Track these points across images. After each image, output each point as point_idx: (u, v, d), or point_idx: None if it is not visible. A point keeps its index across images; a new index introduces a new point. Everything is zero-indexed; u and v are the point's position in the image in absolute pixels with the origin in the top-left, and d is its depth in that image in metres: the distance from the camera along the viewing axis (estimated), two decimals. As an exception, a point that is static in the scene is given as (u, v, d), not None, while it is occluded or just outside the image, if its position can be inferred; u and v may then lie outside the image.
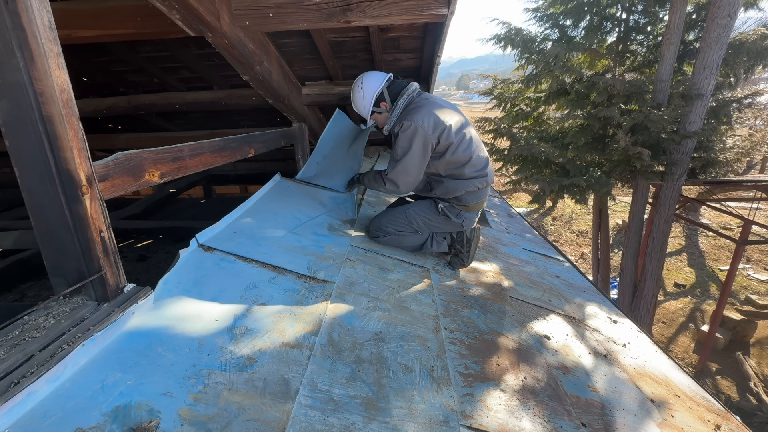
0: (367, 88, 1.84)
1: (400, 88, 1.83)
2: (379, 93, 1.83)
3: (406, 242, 1.93)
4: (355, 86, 1.90)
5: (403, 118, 1.71)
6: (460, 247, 1.90)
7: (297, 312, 1.20)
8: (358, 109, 1.92)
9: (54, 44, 0.84)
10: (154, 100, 3.58)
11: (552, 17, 6.77)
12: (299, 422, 0.83)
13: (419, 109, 1.70)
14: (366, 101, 1.85)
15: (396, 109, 1.81)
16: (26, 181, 0.89)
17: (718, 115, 6.14)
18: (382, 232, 1.92)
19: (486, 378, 1.13)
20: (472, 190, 1.80)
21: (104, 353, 0.89)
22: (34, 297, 2.60)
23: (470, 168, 1.76)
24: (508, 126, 7.19)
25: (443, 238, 1.95)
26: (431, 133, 1.66)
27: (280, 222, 1.82)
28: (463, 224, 1.88)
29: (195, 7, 1.51)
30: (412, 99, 1.80)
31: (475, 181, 1.79)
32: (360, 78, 1.90)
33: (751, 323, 7.63)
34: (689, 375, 1.48)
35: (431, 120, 1.66)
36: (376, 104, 1.85)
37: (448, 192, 1.81)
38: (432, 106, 1.71)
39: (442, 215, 1.87)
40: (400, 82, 1.85)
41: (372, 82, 1.84)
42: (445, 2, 1.72)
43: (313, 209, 2.13)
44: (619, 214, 12.75)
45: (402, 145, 1.71)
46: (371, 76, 1.87)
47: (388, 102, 1.83)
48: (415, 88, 1.84)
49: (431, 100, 1.76)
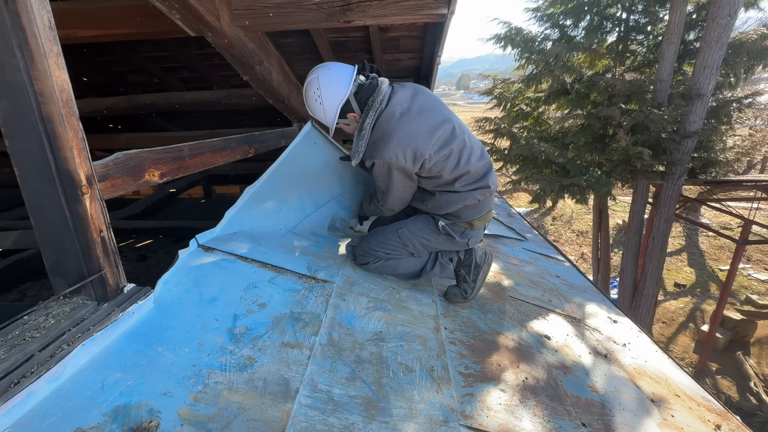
0: (328, 96, 1.39)
1: (368, 94, 1.40)
2: (345, 102, 1.40)
3: (402, 268, 1.61)
4: (308, 91, 1.42)
5: (371, 152, 1.37)
6: (465, 273, 1.58)
7: (297, 312, 1.20)
8: (317, 116, 1.49)
9: (54, 44, 0.84)
10: (154, 100, 3.58)
11: (552, 17, 6.76)
12: (299, 422, 0.83)
13: (389, 137, 1.33)
14: (327, 111, 1.42)
15: (364, 131, 1.39)
16: (26, 181, 0.89)
17: (718, 114, 6.14)
18: (371, 257, 1.59)
19: (486, 378, 1.13)
20: (471, 203, 1.47)
21: (104, 353, 0.89)
22: (34, 297, 2.60)
23: (465, 181, 1.44)
24: (508, 126, 7.18)
25: (449, 260, 1.64)
26: (411, 165, 1.35)
27: (282, 218, 1.77)
28: (468, 243, 1.58)
29: (195, 7, 1.51)
30: (381, 112, 1.38)
31: (474, 193, 1.45)
32: (315, 80, 1.39)
33: (751, 323, 7.63)
34: (689, 375, 1.48)
35: (408, 153, 1.33)
36: (342, 115, 1.44)
37: (441, 207, 1.49)
38: (405, 127, 1.34)
39: (443, 234, 1.54)
40: (368, 84, 1.42)
41: (333, 89, 1.38)
42: (445, 2, 1.72)
43: (324, 192, 1.99)
44: (619, 214, 12.75)
45: (382, 181, 1.46)
46: (330, 79, 1.39)
47: (357, 112, 1.43)
48: (385, 93, 1.41)
49: (404, 114, 1.37)
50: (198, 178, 5.09)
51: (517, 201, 15.32)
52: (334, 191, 2.05)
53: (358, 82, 1.41)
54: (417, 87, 1.49)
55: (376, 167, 1.40)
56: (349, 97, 1.39)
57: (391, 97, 1.41)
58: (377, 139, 1.37)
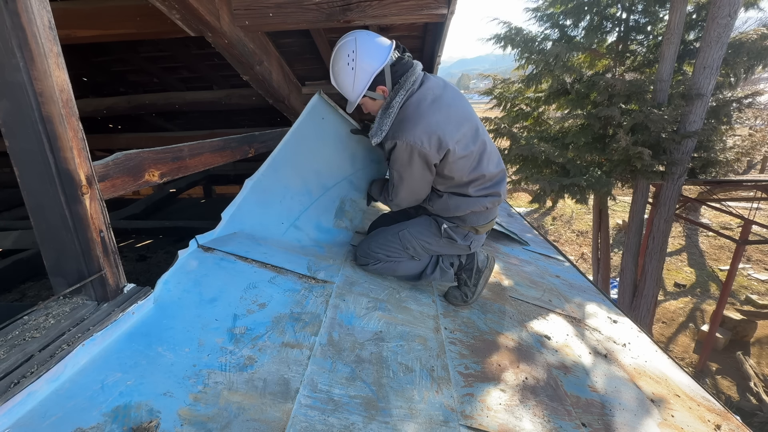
0: (363, 62, 1.29)
1: (404, 70, 1.34)
2: (380, 72, 1.30)
3: (401, 270, 1.59)
4: (340, 54, 1.32)
5: (395, 132, 1.31)
6: (466, 277, 1.56)
7: (297, 312, 1.20)
8: (342, 87, 1.38)
9: (54, 44, 0.84)
10: (154, 100, 3.58)
11: (552, 17, 6.77)
12: (299, 422, 0.83)
13: (417, 120, 1.28)
14: (358, 81, 1.32)
15: (391, 109, 1.33)
16: (26, 181, 0.89)
17: (718, 114, 6.14)
18: (371, 258, 1.58)
19: (486, 378, 1.13)
20: (479, 210, 1.44)
21: (104, 353, 0.89)
22: (34, 297, 2.60)
23: (479, 186, 1.40)
24: (508, 126, 7.18)
25: (450, 264, 1.60)
26: (435, 153, 1.29)
27: (286, 207, 1.71)
28: (470, 247, 1.55)
29: (195, 7, 1.51)
30: (412, 93, 1.34)
31: (484, 200, 1.42)
32: (351, 42, 1.30)
33: (751, 323, 7.63)
34: (689, 375, 1.48)
35: (433, 140, 1.28)
36: (372, 87, 1.34)
37: (449, 210, 1.46)
38: (435, 114, 1.30)
39: (445, 237, 1.51)
40: (405, 60, 1.35)
41: (372, 55, 1.30)
42: (445, 2, 1.73)
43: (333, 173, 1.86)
44: (619, 214, 12.74)
45: (398, 169, 1.37)
46: (370, 44, 1.31)
47: (389, 86, 1.34)
48: (418, 75, 1.36)
49: (435, 102, 1.33)
50: (198, 178, 5.09)
51: (517, 201, 15.32)
52: (346, 171, 1.89)
53: (396, 55, 1.34)
54: (446, 81, 1.46)
55: (397, 150, 1.31)
56: (385, 67, 1.31)
57: (423, 81, 1.37)
58: (404, 119, 1.30)
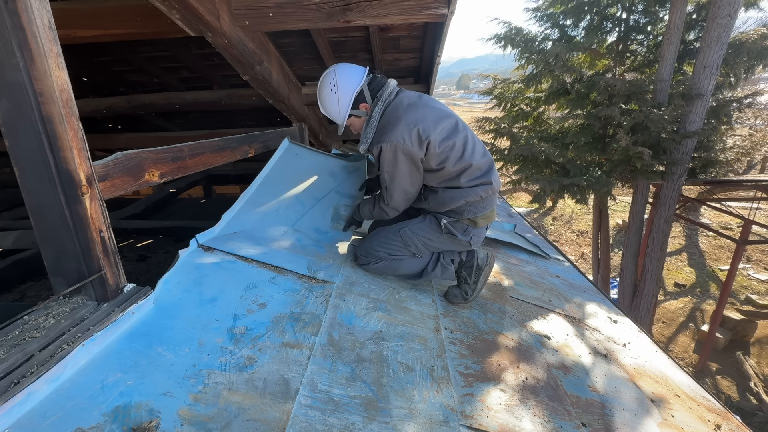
0: (343, 85, 1.51)
1: (379, 86, 1.53)
2: (359, 92, 1.50)
3: (403, 268, 1.63)
4: (324, 83, 1.54)
5: (379, 137, 1.44)
6: (466, 274, 1.59)
7: (297, 312, 1.20)
8: (329, 111, 1.59)
9: (54, 44, 0.84)
10: (154, 100, 3.58)
11: (552, 17, 6.76)
12: (299, 422, 0.83)
13: (396, 122, 1.41)
14: (342, 102, 1.52)
15: (372, 119, 1.49)
16: (26, 181, 0.89)
17: (718, 114, 6.14)
18: (372, 257, 1.61)
19: (486, 378, 1.13)
20: (474, 200, 1.50)
21: (104, 353, 0.89)
22: (34, 297, 2.60)
23: (469, 176, 1.48)
24: (508, 126, 7.17)
25: (451, 261, 1.64)
26: (417, 149, 1.40)
27: (282, 215, 1.79)
28: (471, 242, 1.58)
29: (195, 6, 1.51)
30: (389, 103, 1.50)
31: (477, 189, 1.48)
32: (331, 72, 1.53)
33: (751, 323, 7.62)
34: (689, 375, 1.48)
35: (413, 134, 1.38)
36: (355, 106, 1.53)
37: (444, 203, 1.52)
38: (412, 114, 1.42)
39: (445, 233, 1.55)
40: (378, 78, 1.55)
41: (349, 78, 1.51)
42: (445, 2, 1.73)
43: (320, 187, 2.03)
44: (619, 214, 12.74)
45: (387, 170, 1.47)
46: (346, 70, 1.53)
47: (369, 102, 1.52)
48: (392, 88, 1.53)
49: (411, 105, 1.47)
50: (198, 178, 5.09)
51: (517, 201, 15.32)
52: (330, 185, 2.09)
53: (370, 76, 1.55)
54: (422, 93, 1.61)
55: (383, 152, 1.43)
56: (362, 86, 1.51)
57: (398, 93, 1.54)
58: (385, 124, 1.46)
